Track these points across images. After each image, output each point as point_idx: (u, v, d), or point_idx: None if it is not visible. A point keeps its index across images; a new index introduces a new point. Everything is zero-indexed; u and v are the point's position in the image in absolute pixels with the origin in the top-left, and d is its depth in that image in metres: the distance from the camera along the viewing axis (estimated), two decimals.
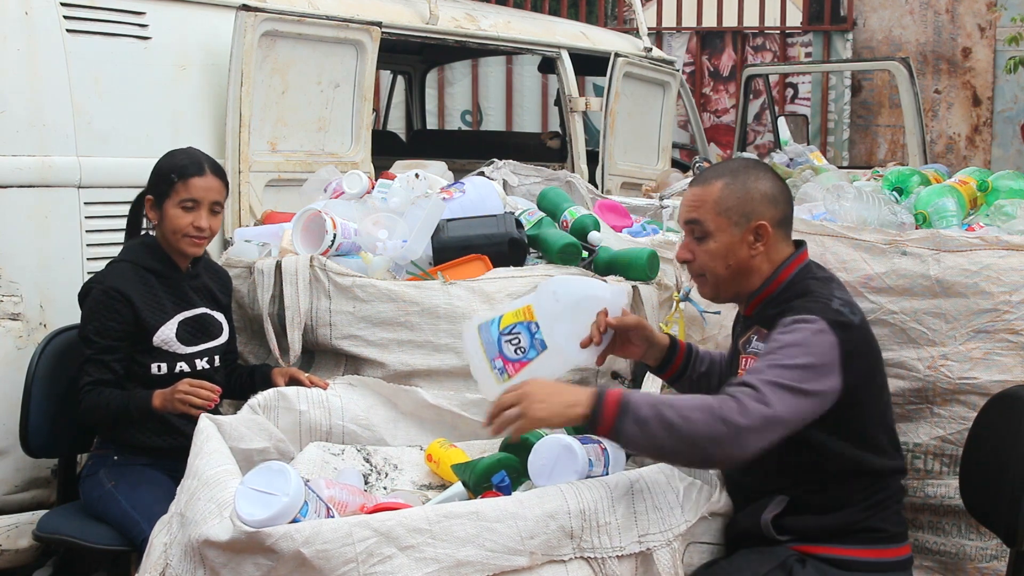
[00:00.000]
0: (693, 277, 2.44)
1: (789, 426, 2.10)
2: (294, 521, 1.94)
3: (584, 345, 2.36)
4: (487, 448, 2.80)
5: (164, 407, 2.76)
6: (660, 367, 2.54)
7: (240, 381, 3.07)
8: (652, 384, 2.77)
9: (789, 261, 2.34)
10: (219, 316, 3.07)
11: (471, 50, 5.73)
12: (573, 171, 5.04)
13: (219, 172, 3.00)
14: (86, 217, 3.40)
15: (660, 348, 2.50)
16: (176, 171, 2.93)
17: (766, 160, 5.40)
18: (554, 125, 8.16)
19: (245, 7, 3.65)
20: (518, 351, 2.34)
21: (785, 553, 2.22)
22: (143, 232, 3.09)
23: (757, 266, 2.34)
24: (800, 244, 2.40)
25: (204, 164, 2.96)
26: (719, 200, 2.31)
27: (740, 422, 2.03)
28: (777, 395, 2.08)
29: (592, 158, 5.32)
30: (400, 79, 7.25)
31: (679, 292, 3.28)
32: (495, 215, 3.34)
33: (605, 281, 3.05)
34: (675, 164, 6.12)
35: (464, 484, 2.53)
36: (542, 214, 3.51)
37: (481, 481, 2.47)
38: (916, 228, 3.00)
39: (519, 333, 2.34)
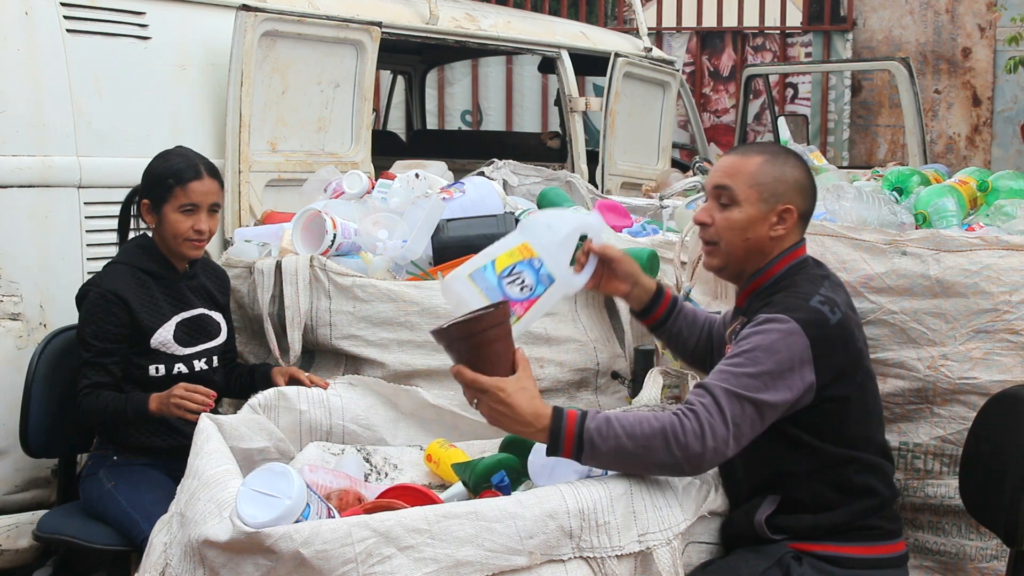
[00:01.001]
0: (704, 244, 2.42)
1: (741, 442, 2.14)
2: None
3: (578, 271, 2.40)
4: (487, 448, 2.80)
5: (160, 411, 2.76)
6: (643, 312, 2.57)
7: (240, 380, 3.07)
8: (653, 385, 2.76)
9: (786, 254, 2.35)
10: (217, 316, 3.07)
11: (471, 50, 5.73)
12: (573, 171, 5.04)
13: (215, 173, 3.00)
14: (86, 217, 3.40)
15: (645, 291, 2.54)
16: (173, 176, 2.92)
17: None
18: (554, 125, 8.16)
19: (245, 7, 3.65)
20: (524, 289, 2.29)
21: (781, 551, 2.23)
22: (140, 233, 3.08)
23: (770, 248, 2.34)
24: (800, 240, 2.40)
25: (201, 167, 2.95)
26: (755, 173, 2.32)
27: (698, 450, 2.08)
28: (736, 408, 2.11)
29: (592, 158, 5.32)
30: (400, 79, 7.26)
31: (679, 291, 3.28)
32: (495, 215, 3.34)
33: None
34: (675, 164, 6.12)
35: (464, 484, 2.53)
36: None
37: (481, 481, 2.47)
38: (916, 228, 3.00)
39: (521, 272, 2.29)
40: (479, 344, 2.10)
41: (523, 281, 2.30)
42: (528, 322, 2.32)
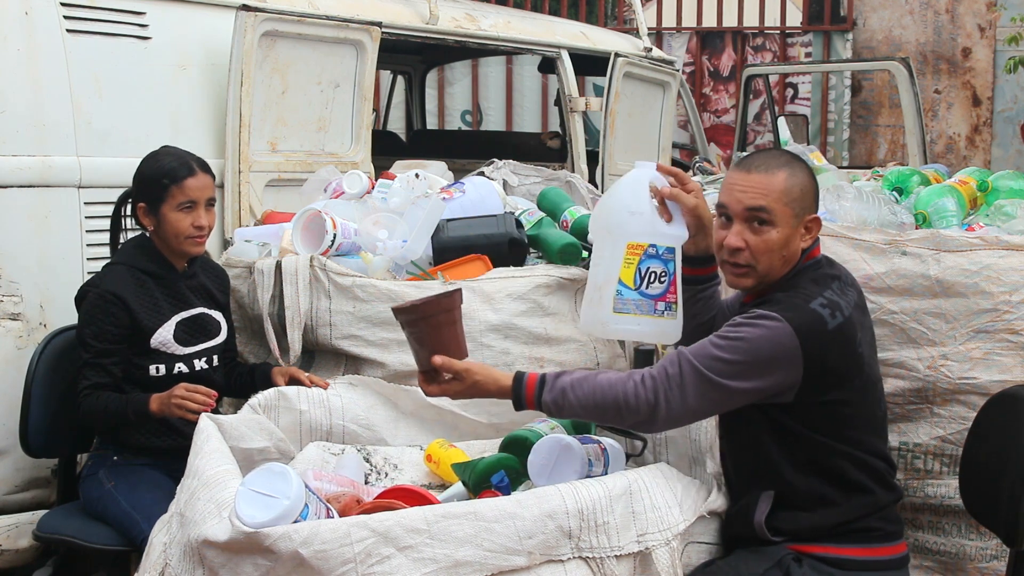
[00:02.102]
0: (735, 267, 2.32)
1: (700, 417, 2.26)
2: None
3: (669, 221, 2.35)
4: (487, 448, 2.80)
5: (161, 411, 2.76)
6: (690, 261, 2.46)
7: (240, 380, 3.07)
8: None
9: (802, 257, 2.34)
10: (217, 315, 3.07)
11: (471, 50, 5.72)
12: (573, 171, 5.04)
13: (206, 168, 3.00)
14: (86, 217, 3.40)
15: (704, 246, 2.46)
16: (167, 175, 2.92)
17: None
18: (554, 125, 8.16)
19: (245, 7, 3.65)
20: (662, 278, 2.26)
21: (781, 552, 2.23)
22: (140, 234, 3.08)
23: (794, 260, 2.33)
24: (815, 241, 2.39)
25: (193, 164, 2.96)
26: (787, 190, 2.28)
27: (647, 419, 2.19)
28: (699, 387, 2.16)
29: (592, 158, 5.31)
30: (400, 79, 7.25)
31: None
32: (495, 215, 3.34)
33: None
34: (675, 164, 6.12)
35: (464, 484, 2.53)
36: (542, 214, 3.51)
37: (481, 481, 2.48)
38: (916, 228, 3.00)
39: (649, 267, 2.26)
40: (442, 323, 2.20)
41: (655, 274, 2.26)
42: (681, 303, 2.31)
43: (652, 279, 2.26)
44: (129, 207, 3.09)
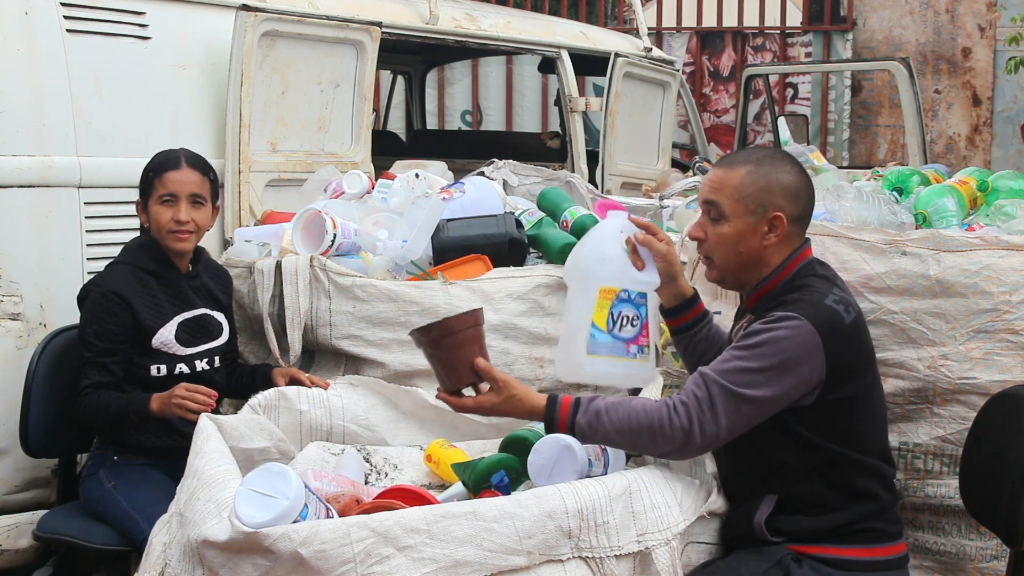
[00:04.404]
0: (701, 258, 2.43)
1: (733, 436, 2.19)
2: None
3: (641, 268, 2.37)
4: (487, 448, 2.80)
5: (162, 411, 2.76)
6: (673, 311, 2.52)
7: (240, 381, 3.07)
8: (653, 385, 2.76)
9: (792, 257, 2.34)
10: (219, 316, 3.07)
11: (471, 50, 5.73)
12: (573, 171, 5.04)
13: (198, 165, 2.99)
14: (86, 217, 3.40)
15: (680, 292, 2.50)
16: (152, 169, 2.95)
17: None
18: (554, 125, 8.16)
19: (245, 7, 3.65)
20: (634, 323, 2.30)
21: (781, 552, 2.23)
22: (144, 233, 3.08)
23: (767, 258, 2.33)
24: (805, 241, 2.40)
25: (180, 158, 2.97)
26: (739, 186, 2.31)
27: (683, 444, 2.15)
28: (730, 404, 2.14)
29: (592, 158, 5.31)
30: (400, 79, 7.25)
31: None
32: (495, 215, 3.34)
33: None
34: (675, 164, 6.11)
35: (464, 484, 2.53)
36: (542, 214, 3.51)
37: (481, 481, 2.48)
38: (916, 228, 3.00)
39: (621, 311, 2.30)
40: (470, 339, 2.20)
41: (627, 318, 2.31)
42: (654, 346, 2.35)
43: (624, 323, 2.30)
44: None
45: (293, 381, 2.89)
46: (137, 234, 3.10)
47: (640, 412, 2.16)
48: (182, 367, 2.95)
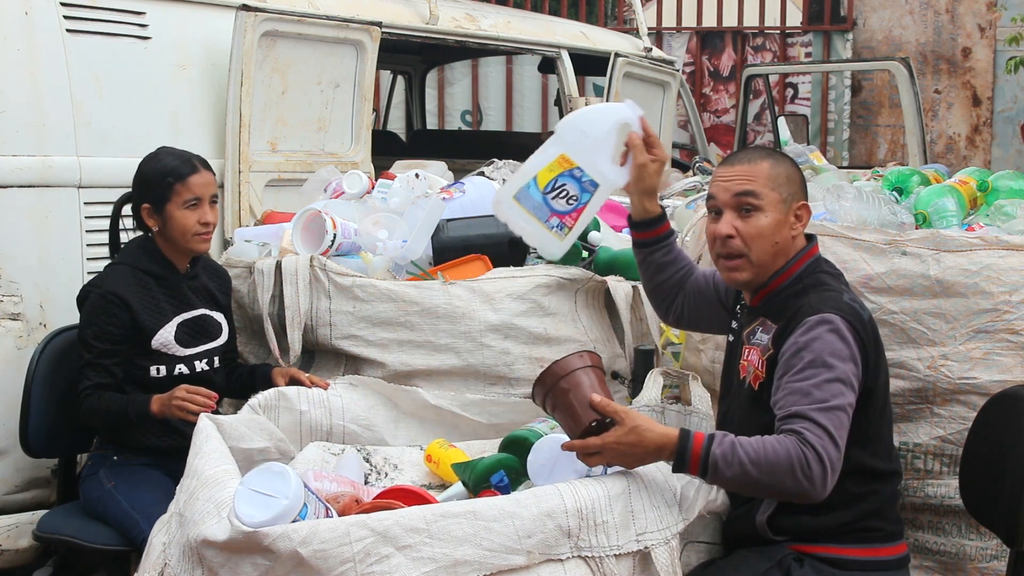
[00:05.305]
0: (728, 259, 2.33)
1: (842, 452, 2.13)
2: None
3: (621, 164, 2.35)
4: (487, 448, 2.80)
5: (162, 412, 2.76)
6: (637, 224, 2.54)
7: (240, 381, 3.07)
8: (654, 386, 2.77)
9: (802, 253, 2.35)
10: (218, 316, 3.07)
11: (471, 50, 5.73)
12: None
13: (207, 165, 3.01)
14: (86, 217, 3.40)
15: (646, 209, 2.50)
16: (171, 174, 2.92)
17: None
18: (554, 125, 8.14)
19: (245, 7, 3.65)
20: (570, 201, 2.29)
21: (782, 552, 2.23)
22: (142, 235, 3.08)
23: (790, 250, 2.33)
24: (811, 238, 2.40)
25: (195, 161, 2.97)
26: (772, 176, 2.30)
27: (821, 477, 2.07)
28: (834, 422, 2.10)
29: None
30: (400, 79, 7.25)
31: None
32: (495, 215, 3.33)
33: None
34: (675, 164, 6.12)
35: (464, 484, 2.53)
36: None
37: (480, 481, 2.48)
38: (916, 228, 3.00)
39: (564, 184, 2.29)
40: (568, 387, 2.12)
41: (567, 193, 2.30)
42: (577, 231, 2.32)
43: (562, 194, 2.30)
44: (128, 209, 3.08)
45: (293, 381, 2.89)
46: (136, 235, 3.10)
47: (775, 444, 2.07)
48: (181, 368, 2.95)
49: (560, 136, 2.33)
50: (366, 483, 2.68)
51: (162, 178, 2.93)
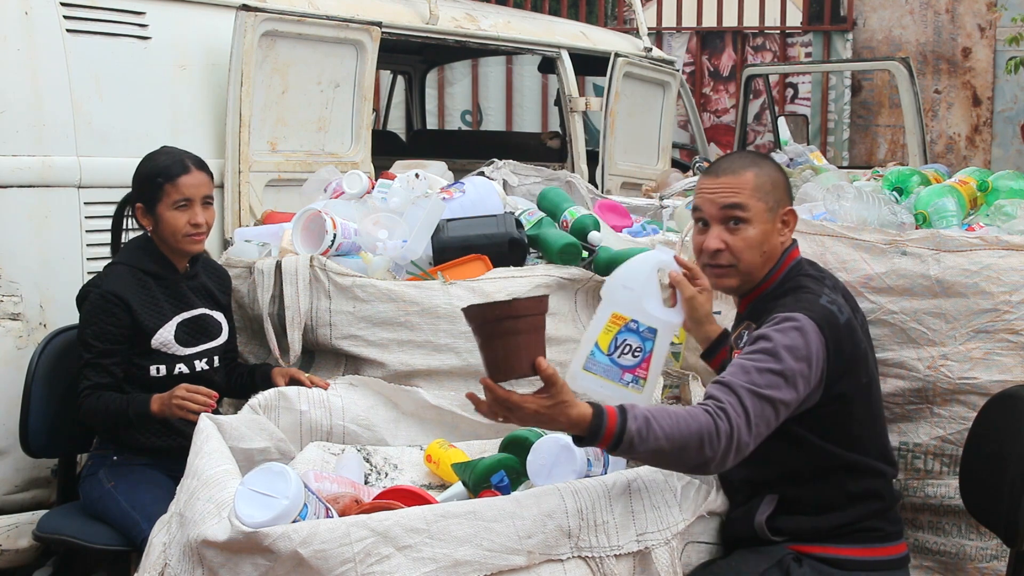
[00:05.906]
0: (716, 268, 2.36)
1: (762, 439, 2.12)
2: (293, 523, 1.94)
3: (672, 305, 2.37)
4: (487, 448, 2.80)
5: (162, 412, 2.76)
6: (705, 353, 2.61)
7: (240, 380, 3.07)
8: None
9: (784, 257, 2.36)
10: (218, 316, 3.07)
11: (471, 50, 5.73)
12: (573, 171, 5.04)
13: (202, 166, 3.00)
14: (86, 217, 3.40)
15: (708, 335, 2.56)
16: (161, 174, 2.93)
17: None
18: (554, 125, 8.16)
19: (245, 7, 3.65)
20: (636, 353, 2.31)
21: (782, 552, 2.23)
22: (142, 234, 3.08)
23: (777, 255, 2.34)
24: (793, 241, 2.41)
25: (187, 161, 2.96)
26: (758, 185, 2.30)
27: (727, 451, 2.04)
28: (758, 408, 2.09)
29: (592, 158, 5.32)
30: (400, 79, 7.26)
31: None
32: (495, 215, 3.34)
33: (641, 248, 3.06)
34: (675, 164, 6.12)
35: (464, 484, 2.53)
36: (542, 214, 3.51)
37: (481, 481, 2.48)
38: (916, 228, 3.00)
39: (625, 339, 2.31)
40: (519, 330, 2.02)
41: (631, 347, 2.32)
42: (653, 381, 2.34)
43: (626, 351, 2.31)
44: (130, 209, 3.09)
45: (293, 381, 2.89)
46: (135, 234, 3.10)
47: (687, 416, 2.05)
48: (181, 367, 2.95)
49: (607, 298, 2.36)
50: (366, 483, 2.68)
51: (153, 178, 2.93)
